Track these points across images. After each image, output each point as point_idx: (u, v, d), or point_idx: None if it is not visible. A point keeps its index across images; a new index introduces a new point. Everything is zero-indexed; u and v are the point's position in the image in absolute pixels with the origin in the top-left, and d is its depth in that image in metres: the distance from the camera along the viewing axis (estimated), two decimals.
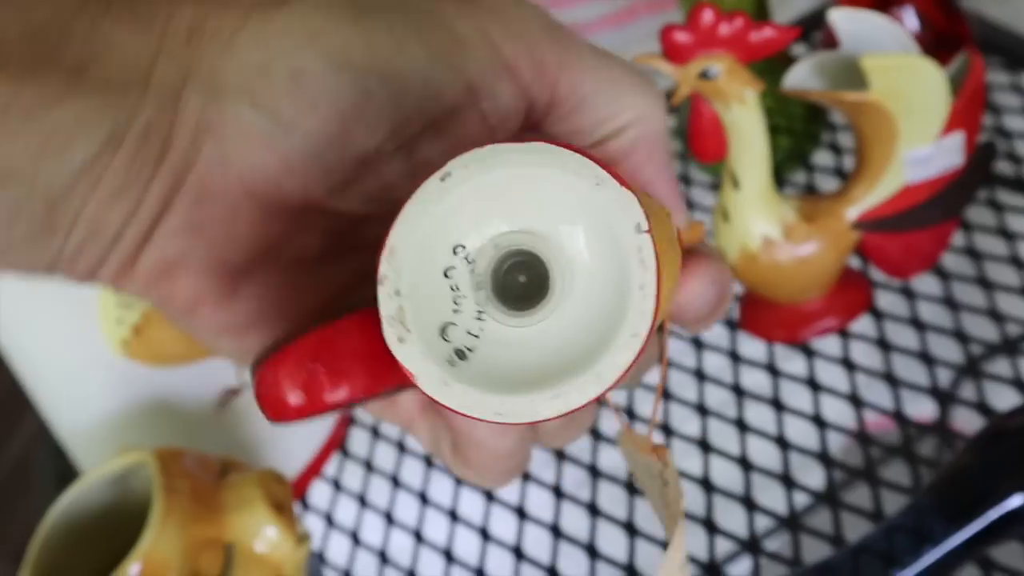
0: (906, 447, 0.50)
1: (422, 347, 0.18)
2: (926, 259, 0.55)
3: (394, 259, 0.18)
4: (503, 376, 0.19)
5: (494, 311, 0.18)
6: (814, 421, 0.52)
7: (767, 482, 0.51)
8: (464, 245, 0.18)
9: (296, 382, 0.20)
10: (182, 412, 0.53)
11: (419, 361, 0.18)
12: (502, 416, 0.18)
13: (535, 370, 0.19)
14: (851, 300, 0.56)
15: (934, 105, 0.48)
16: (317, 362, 0.20)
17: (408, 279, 0.18)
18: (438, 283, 0.18)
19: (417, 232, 0.18)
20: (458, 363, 0.18)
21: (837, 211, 0.52)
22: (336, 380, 0.20)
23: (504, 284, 0.19)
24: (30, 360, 0.52)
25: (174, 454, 0.46)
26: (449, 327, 0.19)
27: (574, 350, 0.18)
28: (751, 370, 0.56)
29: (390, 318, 0.18)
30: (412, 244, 0.18)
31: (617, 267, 0.18)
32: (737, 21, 0.46)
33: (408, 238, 0.18)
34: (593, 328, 0.18)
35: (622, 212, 0.18)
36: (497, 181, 0.18)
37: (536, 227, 0.18)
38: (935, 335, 0.54)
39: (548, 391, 0.18)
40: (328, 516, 0.59)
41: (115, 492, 0.47)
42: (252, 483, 0.44)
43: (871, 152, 0.50)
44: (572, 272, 0.18)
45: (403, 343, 0.18)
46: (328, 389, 0.21)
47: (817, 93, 0.48)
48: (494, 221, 0.18)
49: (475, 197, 0.18)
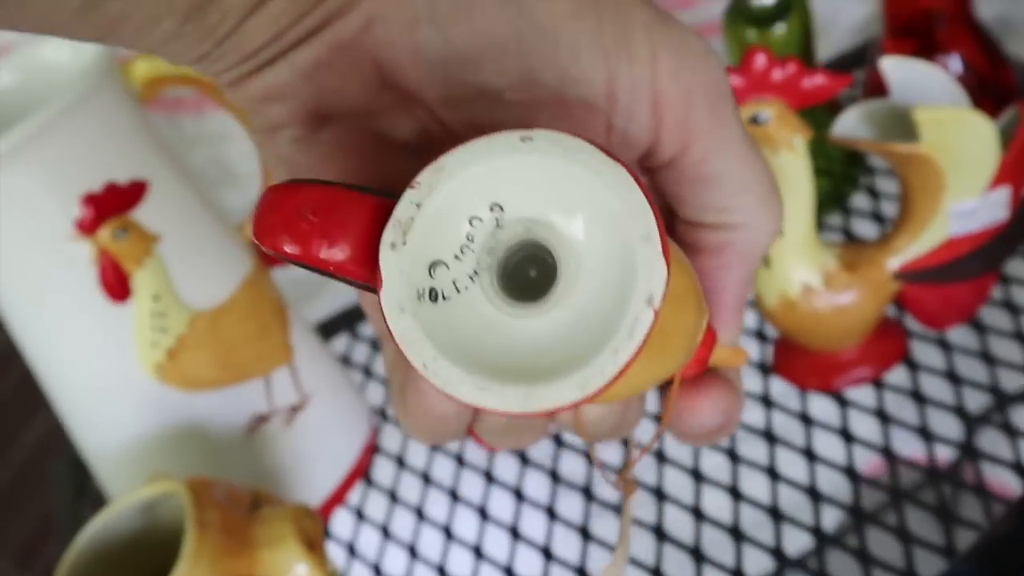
0: (941, 504, 0.50)
1: (405, 264, 0.18)
2: (964, 311, 0.54)
3: (436, 175, 0.18)
4: (466, 349, 0.18)
5: (492, 291, 0.18)
6: (845, 472, 0.52)
7: (793, 531, 0.51)
8: (503, 207, 0.18)
9: (288, 220, 0.20)
10: (211, 437, 0.52)
11: (394, 274, 0.18)
12: (444, 384, 0.18)
13: (510, 359, 0.18)
14: (887, 350, 0.55)
15: (983, 159, 0.48)
16: (317, 215, 0.20)
17: (436, 200, 0.18)
18: (458, 223, 0.19)
19: (470, 169, 0.18)
20: (425, 302, 0.18)
21: (878, 261, 0.51)
22: (322, 240, 0.20)
23: (512, 271, 0.19)
24: (62, 379, 0.52)
25: (204, 484, 0.45)
26: (440, 266, 0.18)
27: (558, 352, 0.18)
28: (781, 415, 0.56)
29: (397, 221, 0.18)
30: (459, 175, 0.18)
31: (621, 287, 0.18)
32: (790, 67, 0.46)
33: (459, 168, 0.18)
34: (582, 334, 0.18)
35: (648, 267, 0.18)
36: (553, 168, 0.18)
37: (565, 229, 0.18)
38: (970, 389, 0.53)
39: (520, 386, 0.18)
40: (350, 546, 0.58)
41: (144, 520, 0.46)
42: (284, 519, 0.44)
43: (916, 203, 0.50)
44: (577, 278, 0.18)
45: (392, 249, 0.18)
46: (313, 243, 0.20)
47: (866, 143, 0.48)
48: (538, 204, 0.18)
49: (531, 173, 0.18)
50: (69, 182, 0.46)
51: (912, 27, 0.58)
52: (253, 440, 0.54)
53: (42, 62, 0.52)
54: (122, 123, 0.48)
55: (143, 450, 0.51)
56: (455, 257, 0.18)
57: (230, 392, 0.52)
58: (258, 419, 0.53)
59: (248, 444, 0.54)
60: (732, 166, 0.24)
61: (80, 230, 0.46)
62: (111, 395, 0.51)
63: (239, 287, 0.52)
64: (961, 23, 0.58)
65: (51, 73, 0.51)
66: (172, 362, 0.49)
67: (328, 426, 0.58)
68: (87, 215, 0.46)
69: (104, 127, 0.47)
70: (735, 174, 0.24)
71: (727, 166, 0.24)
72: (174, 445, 0.51)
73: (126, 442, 0.52)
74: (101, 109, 0.47)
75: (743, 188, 0.25)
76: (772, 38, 0.56)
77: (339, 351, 0.72)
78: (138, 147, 0.49)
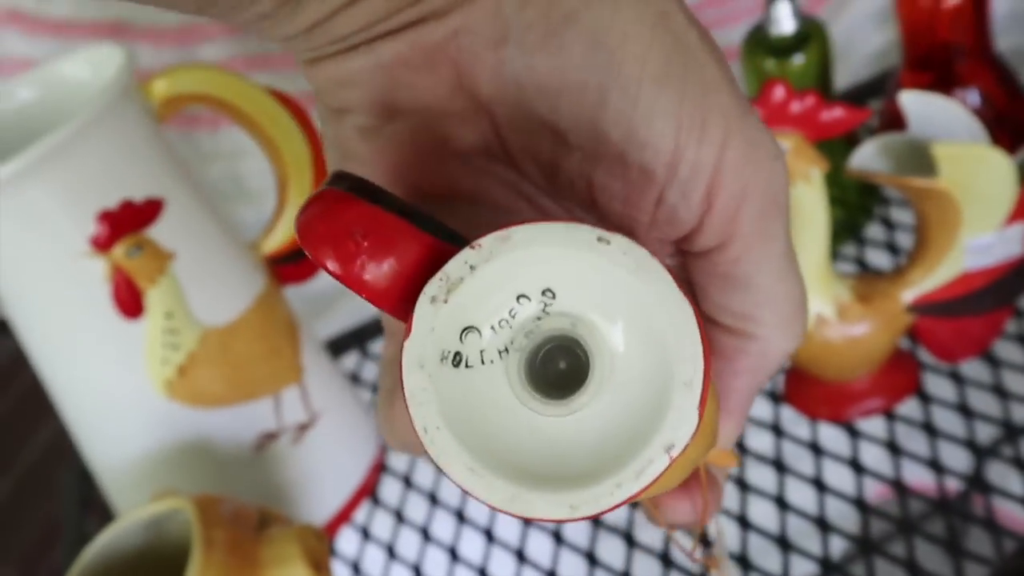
0: (950, 536, 0.50)
1: (439, 322, 0.18)
2: (977, 345, 0.54)
3: (500, 244, 0.18)
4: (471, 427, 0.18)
5: (515, 374, 0.18)
6: (854, 502, 0.52)
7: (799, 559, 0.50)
8: (555, 296, 0.18)
9: (337, 236, 0.19)
10: (219, 453, 0.52)
11: (424, 329, 0.18)
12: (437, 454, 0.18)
13: (509, 452, 0.18)
14: (899, 382, 0.55)
15: (1000, 195, 0.48)
16: (367, 239, 0.19)
17: (491, 268, 0.18)
18: (505, 297, 0.18)
19: (536, 249, 0.18)
20: (448, 365, 0.18)
21: (892, 293, 0.51)
22: (365, 266, 0.19)
23: (540, 360, 0.18)
24: (72, 392, 0.52)
25: (212, 501, 0.45)
26: (472, 332, 0.18)
27: (560, 463, 0.18)
28: (791, 443, 0.56)
29: (446, 276, 0.18)
30: (522, 251, 0.18)
31: (645, 421, 0.18)
32: (808, 99, 0.46)
33: (525, 243, 0.18)
34: (589, 454, 0.18)
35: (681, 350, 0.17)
36: (618, 278, 0.18)
37: (608, 341, 0.18)
38: (981, 422, 0.53)
39: (510, 486, 0.18)
40: (355, 565, 0.58)
41: (150, 535, 0.46)
42: (291, 539, 0.44)
43: (932, 237, 0.50)
44: (603, 391, 0.18)
45: (431, 303, 0.18)
46: (356, 266, 0.19)
47: (884, 177, 0.48)
48: (590, 306, 0.18)
49: (594, 274, 0.18)
50: (85, 199, 0.46)
51: (930, 60, 0.58)
52: (261, 457, 0.54)
53: (61, 79, 0.52)
54: (139, 141, 0.48)
55: (151, 465, 0.51)
56: (491, 328, 0.18)
57: (239, 409, 0.52)
58: (266, 437, 0.53)
59: (256, 461, 0.54)
60: (765, 277, 0.24)
61: (95, 247, 0.46)
62: (121, 410, 0.51)
63: (251, 305, 0.52)
64: (979, 56, 0.58)
65: (70, 90, 0.51)
66: (182, 379, 0.49)
67: (336, 444, 0.58)
68: (102, 232, 0.46)
69: (121, 145, 0.47)
70: (766, 286, 0.24)
71: (760, 276, 0.24)
72: (182, 461, 0.51)
73: (134, 457, 0.52)
74: (119, 127, 0.47)
75: (769, 302, 0.24)
76: (790, 68, 0.56)
77: (348, 369, 0.72)
78: (154, 165, 0.49)
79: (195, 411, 0.51)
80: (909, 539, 0.50)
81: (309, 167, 0.54)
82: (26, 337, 0.51)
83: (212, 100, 0.51)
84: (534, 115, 0.23)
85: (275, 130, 0.53)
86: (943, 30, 0.57)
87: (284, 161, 0.54)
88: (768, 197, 0.23)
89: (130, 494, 0.53)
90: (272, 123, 0.52)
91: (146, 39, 0.69)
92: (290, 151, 0.53)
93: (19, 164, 0.43)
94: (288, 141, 0.53)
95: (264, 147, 0.53)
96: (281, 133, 0.53)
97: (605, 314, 0.18)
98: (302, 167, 0.54)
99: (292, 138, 0.53)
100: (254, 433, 0.53)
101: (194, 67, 0.52)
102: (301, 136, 0.53)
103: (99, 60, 0.51)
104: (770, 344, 0.25)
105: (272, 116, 0.52)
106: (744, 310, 0.24)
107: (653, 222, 0.23)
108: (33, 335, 0.51)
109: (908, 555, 0.48)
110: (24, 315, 0.50)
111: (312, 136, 0.54)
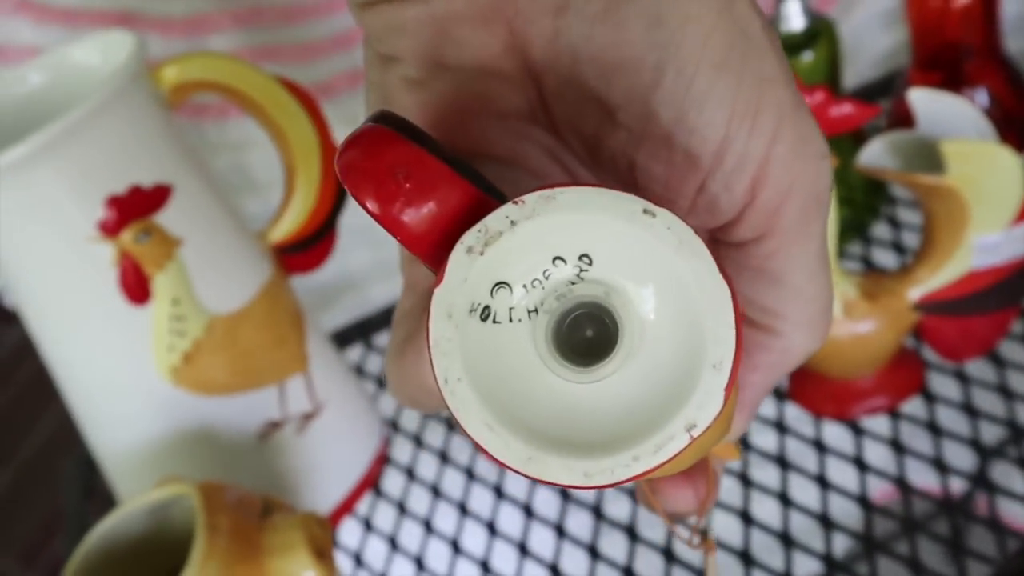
0: (953, 536, 0.49)
1: (472, 273, 0.18)
2: (983, 344, 0.54)
3: (544, 203, 0.18)
4: (493, 382, 0.18)
5: (542, 336, 0.18)
6: (858, 500, 0.52)
7: (803, 557, 0.50)
8: (591, 262, 0.18)
9: (379, 175, 0.19)
10: (223, 441, 0.52)
11: (457, 279, 0.18)
12: (456, 406, 0.18)
13: (529, 412, 0.18)
14: (904, 380, 0.55)
15: (1008, 193, 0.48)
16: (409, 180, 0.19)
17: (532, 226, 0.18)
18: (541, 257, 0.18)
19: (579, 213, 0.17)
20: (476, 318, 0.18)
21: (899, 291, 0.51)
22: (404, 208, 0.19)
23: (568, 325, 0.18)
24: (78, 378, 0.52)
25: (216, 488, 0.45)
26: (503, 288, 0.18)
27: (578, 429, 0.18)
28: (795, 440, 0.56)
29: (485, 228, 0.18)
30: (565, 213, 0.17)
31: (669, 397, 0.17)
32: (818, 95, 0.46)
33: (570, 206, 0.17)
34: (609, 424, 0.18)
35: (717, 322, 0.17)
36: (661, 254, 0.17)
37: (642, 313, 0.18)
38: (986, 422, 0.53)
39: (528, 447, 0.17)
40: (357, 556, 0.58)
41: (154, 521, 0.46)
42: (295, 526, 0.44)
43: (940, 235, 0.50)
44: (630, 361, 0.18)
45: (468, 253, 0.18)
46: (395, 207, 0.19)
47: (892, 174, 0.48)
48: (627, 276, 0.18)
49: (636, 245, 0.18)
50: (94, 184, 0.46)
51: (939, 59, 0.58)
52: (264, 446, 0.54)
53: (72, 64, 0.52)
54: (149, 127, 0.48)
55: (155, 452, 0.51)
56: (523, 287, 0.18)
57: (244, 398, 0.52)
58: (271, 426, 0.53)
59: (259, 450, 0.54)
60: (797, 275, 0.24)
61: (103, 232, 0.46)
62: (125, 396, 0.51)
63: (257, 294, 0.52)
64: (988, 57, 0.58)
65: (80, 75, 0.51)
66: (188, 366, 0.49)
67: (340, 435, 0.58)
68: (111, 217, 0.46)
69: (131, 130, 0.47)
70: (797, 284, 0.24)
71: (793, 273, 0.23)
72: (186, 448, 0.51)
73: (138, 444, 0.52)
74: (128, 112, 0.47)
75: (798, 300, 0.24)
76: (800, 65, 0.56)
77: (353, 361, 0.72)
78: (163, 151, 0.49)
79: (200, 398, 0.51)
80: (913, 539, 0.50)
81: (317, 156, 0.54)
82: (33, 321, 0.51)
83: (222, 88, 0.51)
84: (585, 87, 0.22)
85: (284, 119, 0.53)
86: (952, 30, 0.57)
87: (292, 150, 0.54)
88: (812, 195, 0.23)
89: (133, 481, 0.53)
90: (281, 112, 0.53)
91: (154, 29, 0.69)
92: (298, 140, 0.53)
93: (28, 148, 0.43)
94: (296, 130, 0.53)
95: (272, 136, 0.53)
96: (289, 122, 0.53)
97: (640, 286, 0.18)
98: (310, 156, 0.54)
99: (300, 127, 0.53)
100: (258, 422, 0.53)
101: (205, 55, 0.52)
102: (310, 125, 0.53)
103: (109, 46, 0.51)
104: (793, 343, 0.25)
105: (281, 105, 0.52)
106: (772, 306, 0.24)
107: (692, 209, 0.23)
108: (40, 319, 0.51)
109: (912, 554, 0.48)
110: (31, 299, 0.50)
111: (320, 126, 0.54)
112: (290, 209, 0.55)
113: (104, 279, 0.47)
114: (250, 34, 0.70)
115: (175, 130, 0.51)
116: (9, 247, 0.47)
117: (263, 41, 0.71)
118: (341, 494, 0.58)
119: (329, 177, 0.55)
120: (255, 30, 0.70)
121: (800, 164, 0.22)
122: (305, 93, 0.54)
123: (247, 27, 0.70)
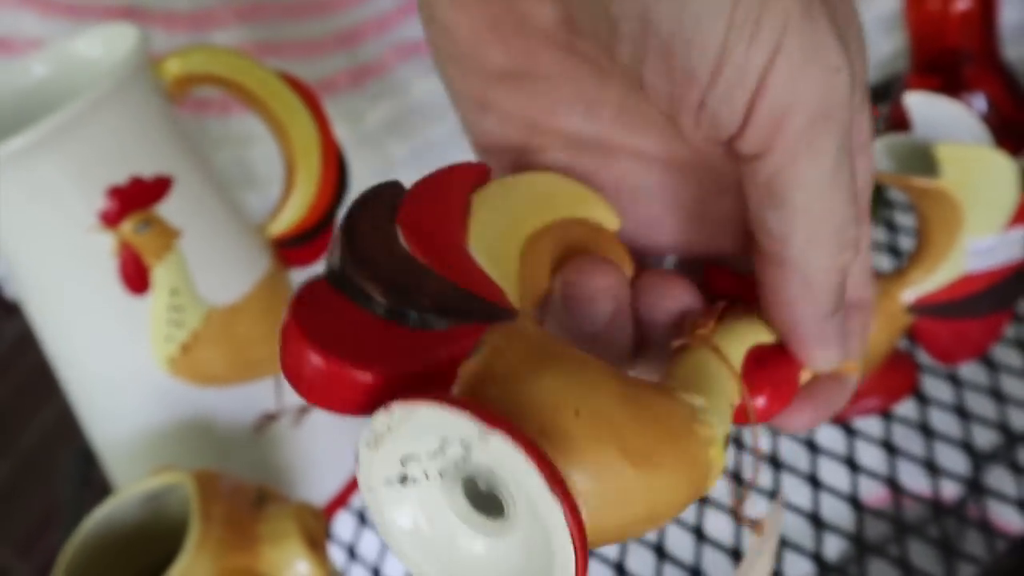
0: (944, 539, 0.50)
1: (376, 461, 0.19)
2: (976, 347, 0.54)
3: (406, 418, 0.19)
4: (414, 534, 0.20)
5: (454, 491, 0.19)
6: (850, 501, 0.52)
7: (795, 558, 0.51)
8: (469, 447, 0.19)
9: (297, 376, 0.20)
10: (219, 432, 0.53)
11: (367, 464, 0.20)
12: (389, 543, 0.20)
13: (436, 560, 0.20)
14: (896, 382, 0.55)
15: (1003, 197, 0.48)
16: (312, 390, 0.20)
17: (404, 429, 0.19)
18: (433, 439, 0.19)
19: (433, 424, 0.19)
20: (395, 485, 0.20)
21: (892, 293, 0.51)
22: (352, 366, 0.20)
23: (476, 489, 0.19)
24: (76, 367, 0.52)
25: (211, 477, 0.46)
26: (412, 461, 0.19)
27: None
28: (788, 442, 0.56)
29: (372, 430, 0.19)
30: (426, 424, 0.19)
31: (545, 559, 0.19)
32: None
33: (427, 420, 0.19)
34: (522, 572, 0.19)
35: None
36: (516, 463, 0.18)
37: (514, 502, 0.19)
38: (979, 425, 0.53)
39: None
40: (351, 548, 0.59)
41: (149, 509, 0.47)
42: (288, 516, 0.44)
43: (934, 238, 0.50)
44: (518, 520, 0.19)
45: (367, 447, 0.19)
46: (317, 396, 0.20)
47: (887, 176, 0.48)
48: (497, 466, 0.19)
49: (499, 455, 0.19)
50: (95, 174, 0.46)
51: (938, 64, 0.58)
52: (260, 438, 0.54)
53: (74, 56, 0.52)
54: (150, 118, 0.49)
55: (151, 442, 0.52)
56: (427, 454, 0.19)
57: (240, 389, 0.52)
58: (266, 418, 0.54)
59: (255, 442, 0.54)
60: (802, 194, 0.22)
61: (103, 222, 0.46)
62: (123, 386, 0.51)
63: (256, 286, 0.53)
64: (986, 63, 0.58)
65: (83, 67, 0.52)
66: (185, 356, 0.50)
67: (335, 429, 0.58)
68: (111, 207, 0.46)
69: (132, 122, 0.47)
70: (801, 203, 0.22)
71: (797, 192, 0.22)
72: (182, 439, 0.52)
73: (135, 433, 0.52)
74: (130, 104, 0.47)
75: (802, 220, 0.23)
76: None
77: None
78: (164, 143, 0.49)
79: (197, 389, 0.51)
80: (904, 542, 0.50)
81: (317, 152, 0.54)
82: (33, 310, 0.52)
83: (224, 81, 0.51)
84: (597, 4, 0.22)
85: (285, 114, 0.53)
86: (951, 35, 0.58)
87: (292, 145, 0.54)
88: (819, 110, 0.21)
89: (130, 470, 0.53)
90: (282, 107, 0.53)
91: (158, 24, 0.69)
92: (299, 135, 0.54)
93: (30, 138, 0.44)
94: (297, 125, 0.53)
95: (273, 130, 0.54)
96: (291, 117, 0.53)
97: (509, 479, 0.19)
98: (310, 151, 0.54)
99: (301, 122, 0.54)
100: (254, 413, 0.53)
101: (206, 48, 0.52)
102: (310, 121, 0.54)
103: (113, 38, 0.51)
104: (807, 267, 0.23)
105: (282, 100, 0.53)
106: (777, 228, 0.23)
107: (697, 124, 0.22)
108: (40, 308, 0.51)
109: (903, 557, 0.49)
110: (32, 288, 0.50)
111: (321, 121, 0.54)
112: (290, 203, 0.55)
113: (104, 269, 0.48)
114: (253, 30, 0.71)
115: (176, 123, 0.51)
116: (10, 236, 0.48)
117: (266, 37, 0.71)
118: (335, 487, 0.58)
119: (328, 172, 0.55)
120: (258, 26, 0.71)
121: (806, 77, 0.21)
122: (306, 89, 0.54)
123: (250, 23, 0.71)
